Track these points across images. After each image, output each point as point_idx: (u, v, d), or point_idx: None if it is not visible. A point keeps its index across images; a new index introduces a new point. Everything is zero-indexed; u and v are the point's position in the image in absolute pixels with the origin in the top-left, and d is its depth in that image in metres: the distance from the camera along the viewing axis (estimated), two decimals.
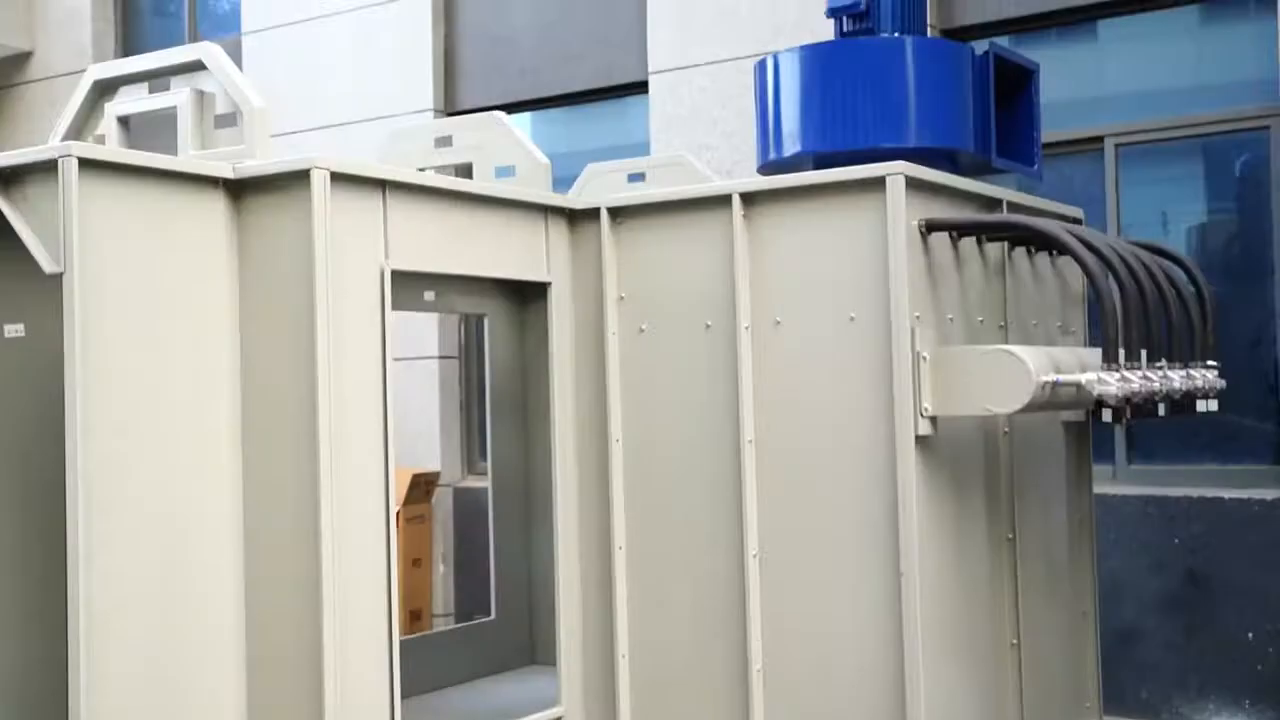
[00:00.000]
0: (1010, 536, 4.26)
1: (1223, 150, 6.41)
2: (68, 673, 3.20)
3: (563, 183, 5.28)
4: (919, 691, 3.70)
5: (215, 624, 3.54)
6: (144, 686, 3.35)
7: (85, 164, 3.21)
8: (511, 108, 8.13)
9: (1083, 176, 6.56)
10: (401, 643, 4.72)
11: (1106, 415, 3.71)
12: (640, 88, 7.82)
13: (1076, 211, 4.88)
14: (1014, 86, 4.57)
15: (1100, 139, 6.50)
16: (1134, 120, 6.47)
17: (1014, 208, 4.32)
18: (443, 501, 8.20)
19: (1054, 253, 4.52)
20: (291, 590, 3.53)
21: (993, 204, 4.25)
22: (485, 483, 5.33)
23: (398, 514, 7.43)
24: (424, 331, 8.34)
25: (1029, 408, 3.65)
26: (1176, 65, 6.52)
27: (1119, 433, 6.37)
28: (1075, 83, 6.67)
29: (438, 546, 8.14)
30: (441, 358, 8.38)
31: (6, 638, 3.80)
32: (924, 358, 3.72)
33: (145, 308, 3.38)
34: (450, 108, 8.56)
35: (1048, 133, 6.28)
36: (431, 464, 8.23)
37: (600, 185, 5.10)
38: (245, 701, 3.58)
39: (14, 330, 3.82)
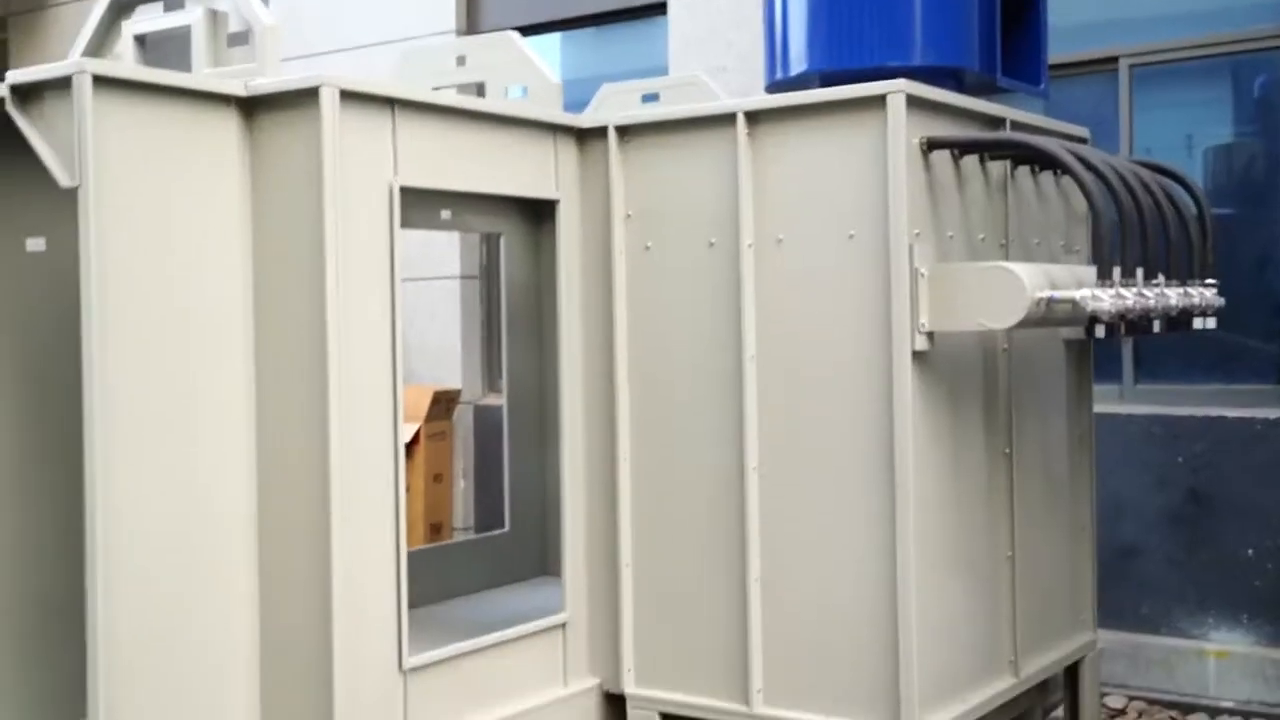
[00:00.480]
0: (1007, 451, 4.30)
1: (1239, 72, 6.34)
2: (85, 579, 3.29)
3: (584, 106, 5.28)
4: (911, 601, 3.76)
5: (228, 534, 3.60)
6: (157, 592, 3.43)
7: (100, 80, 3.24)
8: (534, 29, 8.12)
9: (1096, 98, 6.51)
10: (418, 554, 4.84)
11: (1100, 331, 3.72)
12: (660, 9, 7.77)
13: (1082, 131, 4.84)
14: (1021, 6, 4.53)
15: (1115, 59, 6.44)
16: (1149, 41, 6.40)
17: (1017, 126, 4.30)
18: (464, 418, 8.30)
19: (1058, 172, 4.51)
20: (302, 503, 3.58)
21: (996, 123, 4.23)
22: (503, 400, 5.39)
23: (419, 430, 7.61)
24: (446, 252, 8.40)
25: (1024, 323, 3.67)
26: None
27: (1126, 353, 6.39)
28: (1096, 3, 6.59)
29: (458, 462, 8.24)
30: (464, 278, 8.44)
31: (24, 539, 3.92)
32: (922, 274, 3.74)
33: (160, 222, 3.43)
34: (473, 29, 8.53)
35: (1062, 54, 6.25)
36: (453, 382, 8.32)
37: (615, 105, 5.08)
38: (258, 613, 3.66)
39: (35, 244, 3.90)
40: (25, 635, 3.93)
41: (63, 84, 3.25)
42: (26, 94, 3.34)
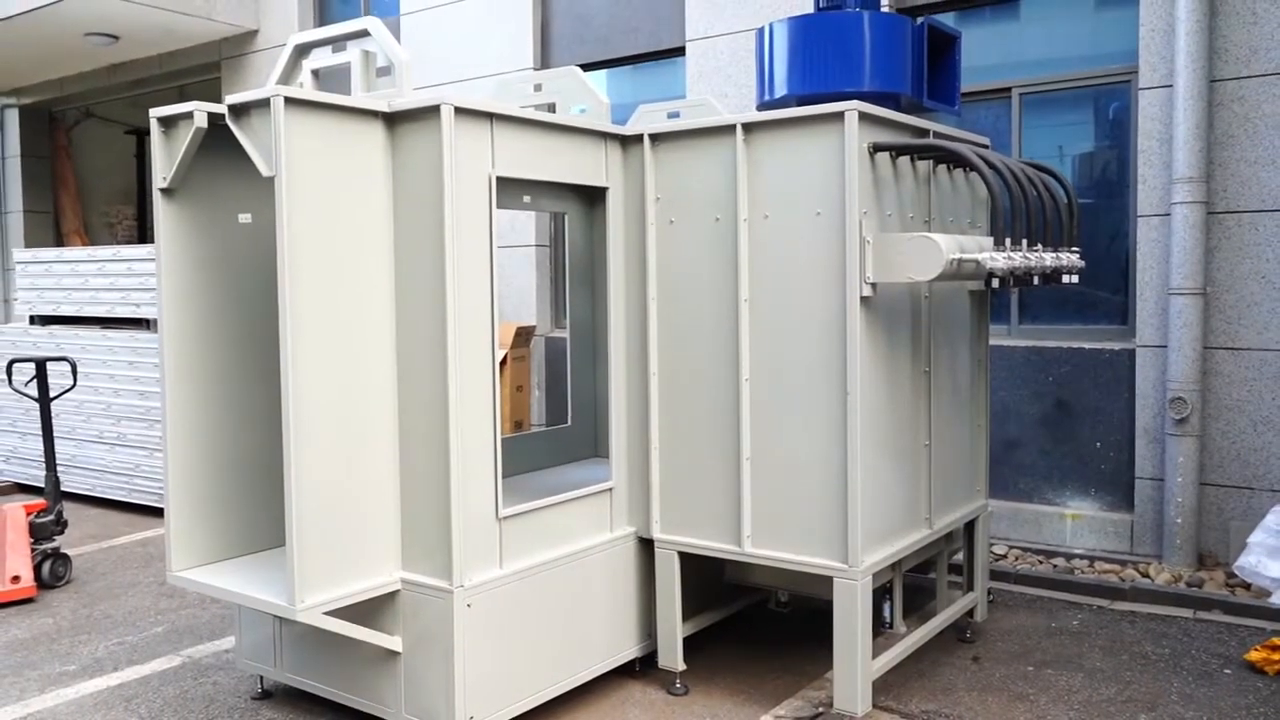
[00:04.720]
0: (927, 370, 4.32)
1: (1098, 100, 6.27)
2: (283, 448, 3.39)
3: (626, 121, 5.28)
4: (857, 476, 3.80)
5: (378, 422, 3.67)
6: (330, 461, 3.52)
7: (289, 101, 3.31)
8: (591, 66, 8.09)
9: (995, 117, 6.44)
10: (507, 440, 4.92)
11: (995, 283, 3.73)
12: (680, 51, 7.72)
13: (985, 140, 4.81)
14: (943, 48, 4.49)
15: (1009, 89, 6.37)
16: (1034, 76, 6.33)
17: (938, 135, 4.28)
18: (538, 346, 8.35)
19: (967, 169, 4.50)
20: (429, 406, 3.65)
21: (922, 133, 4.21)
22: (566, 333, 5.44)
23: (506, 354, 7.67)
24: (526, 227, 8.43)
25: (941, 277, 3.67)
26: (1069, 36, 6.34)
27: (1013, 302, 6.38)
28: (997, 48, 6.51)
29: (534, 377, 8.31)
30: (538, 245, 8.47)
31: (242, 422, 4.03)
32: (867, 241, 3.75)
33: (331, 201, 3.49)
34: (546, 65, 8.50)
35: (972, 84, 6.21)
36: (530, 320, 8.38)
37: (648, 119, 5.09)
38: (399, 477, 3.73)
39: (245, 218, 3.97)
40: (237, 484, 4.05)
41: (264, 104, 3.32)
42: (239, 111, 3.41)
